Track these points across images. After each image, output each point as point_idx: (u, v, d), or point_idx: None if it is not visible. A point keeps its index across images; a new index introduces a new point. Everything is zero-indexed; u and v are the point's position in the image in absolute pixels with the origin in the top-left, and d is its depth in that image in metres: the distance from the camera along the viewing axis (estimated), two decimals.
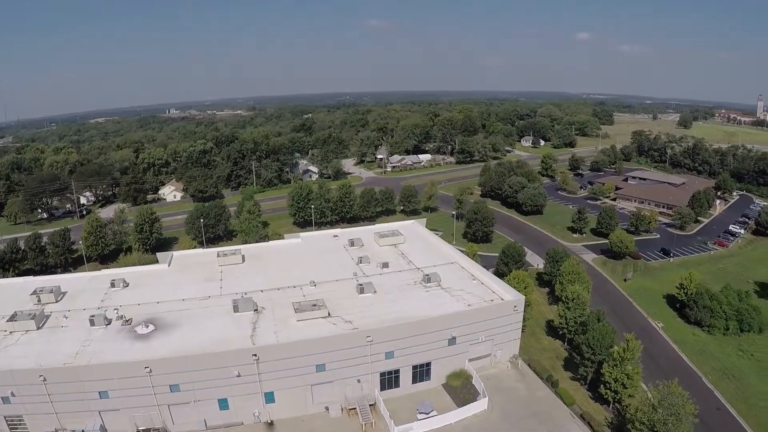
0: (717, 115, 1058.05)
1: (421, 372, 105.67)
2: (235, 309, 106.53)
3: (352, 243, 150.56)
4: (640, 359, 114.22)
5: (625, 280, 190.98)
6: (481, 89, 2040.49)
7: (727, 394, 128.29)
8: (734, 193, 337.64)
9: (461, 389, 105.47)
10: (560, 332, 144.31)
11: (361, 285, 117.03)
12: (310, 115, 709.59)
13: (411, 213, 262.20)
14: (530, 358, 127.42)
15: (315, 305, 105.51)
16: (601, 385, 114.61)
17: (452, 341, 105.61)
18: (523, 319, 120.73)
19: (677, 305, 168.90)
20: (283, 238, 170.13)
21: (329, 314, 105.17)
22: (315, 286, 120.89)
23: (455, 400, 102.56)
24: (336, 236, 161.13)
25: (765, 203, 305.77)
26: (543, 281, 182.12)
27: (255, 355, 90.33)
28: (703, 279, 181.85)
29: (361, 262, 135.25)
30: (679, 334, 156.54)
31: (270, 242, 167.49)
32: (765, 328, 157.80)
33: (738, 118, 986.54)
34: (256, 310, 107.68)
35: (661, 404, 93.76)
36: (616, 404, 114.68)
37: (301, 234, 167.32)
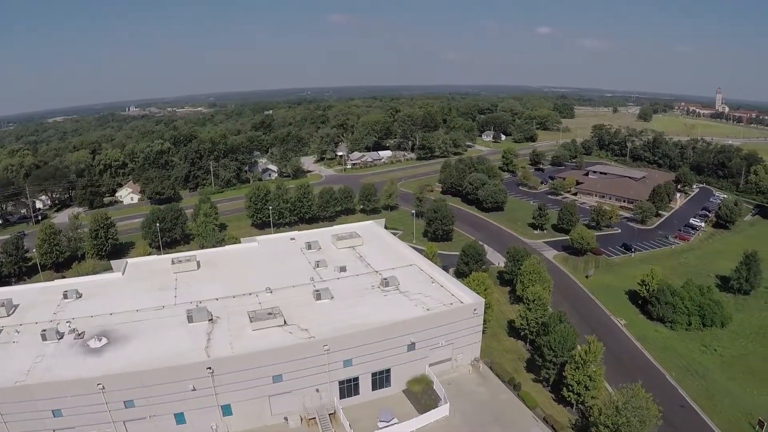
0: (676, 107, 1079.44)
1: (381, 379, 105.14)
2: (190, 319, 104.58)
3: (309, 246, 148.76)
4: (602, 360, 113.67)
5: (586, 276, 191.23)
6: (444, 83, 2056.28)
7: (691, 391, 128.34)
8: (694, 186, 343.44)
9: (422, 395, 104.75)
10: (522, 333, 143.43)
11: (317, 291, 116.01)
12: (270, 111, 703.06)
13: (371, 212, 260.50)
14: (492, 360, 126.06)
15: (270, 314, 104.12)
16: (564, 388, 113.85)
17: (411, 347, 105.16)
18: (484, 321, 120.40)
19: (639, 301, 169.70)
20: (240, 242, 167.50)
21: (285, 322, 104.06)
22: (271, 292, 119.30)
23: (416, 406, 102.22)
24: (293, 239, 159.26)
25: (725, 196, 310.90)
26: (504, 280, 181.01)
27: (209, 368, 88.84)
28: (665, 274, 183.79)
29: (318, 266, 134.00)
30: (642, 330, 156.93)
31: (226, 247, 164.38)
32: (727, 322, 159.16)
33: (697, 110, 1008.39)
34: (211, 319, 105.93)
35: (625, 407, 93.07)
36: (580, 406, 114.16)
37: (258, 237, 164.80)
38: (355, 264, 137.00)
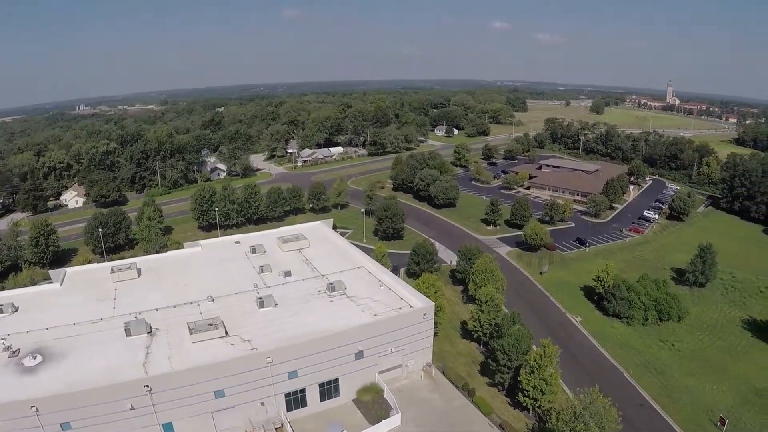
0: (628, 100, 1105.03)
1: (329, 389, 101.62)
2: (127, 332, 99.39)
3: (253, 250, 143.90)
4: (558, 362, 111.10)
5: (541, 273, 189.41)
6: (399, 78, 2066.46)
7: (650, 389, 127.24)
8: (647, 179, 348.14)
9: (373, 404, 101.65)
10: (475, 335, 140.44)
11: (261, 298, 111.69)
12: (222, 108, 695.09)
13: (320, 211, 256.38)
14: (445, 365, 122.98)
15: (211, 324, 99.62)
16: (519, 392, 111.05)
17: (359, 355, 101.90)
18: (436, 323, 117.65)
19: (595, 297, 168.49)
20: (183, 247, 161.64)
21: (227, 333, 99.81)
22: (213, 301, 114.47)
23: (367, 416, 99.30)
24: (238, 242, 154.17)
25: (678, 188, 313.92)
26: (457, 279, 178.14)
27: (147, 385, 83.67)
28: (620, 268, 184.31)
29: (262, 271, 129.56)
30: (598, 327, 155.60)
31: (168, 253, 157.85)
32: (684, 316, 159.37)
33: (648, 103, 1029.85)
34: (150, 332, 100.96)
35: (583, 413, 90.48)
36: (537, 410, 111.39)
37: (202, 242, 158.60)
38: (301, 268, 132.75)
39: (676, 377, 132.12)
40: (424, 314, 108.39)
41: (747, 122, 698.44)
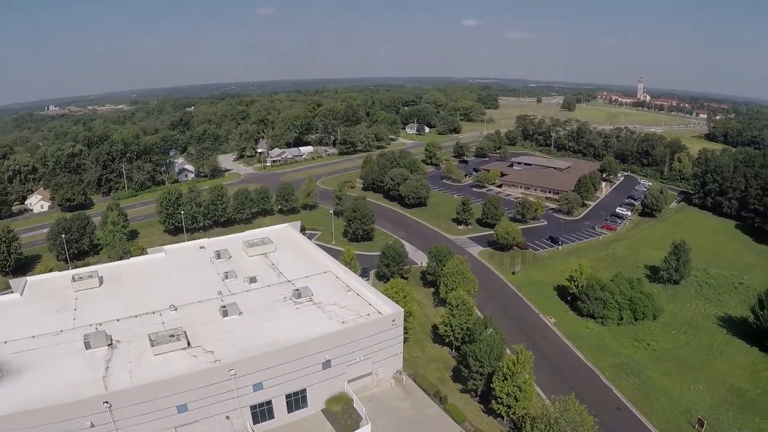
0: (599, 97, 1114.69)
1: (297, 400, 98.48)
2: (87, 345, 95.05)
3: (218, 255, 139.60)
4: (532, 369, 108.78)
5: (513, 273, 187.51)
6: (372, 76, 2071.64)
7: (626, 392, 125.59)
8: (619, 175, 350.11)
9: (342, 415, 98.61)
10: (446, 340, 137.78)
11: (224, 307, 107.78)
12: (192, 108, 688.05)
13: (289, 212, 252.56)
14: (416, 371, 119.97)
15: (173, 336, 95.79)
16: (493, 399, 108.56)
17: (327, 364, 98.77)
18: (406, 329, 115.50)
19: (569, 297, 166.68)
20: (146, 253, 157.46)
21: (189, 344, 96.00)
22: (176, 310, 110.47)
23: (336, 427, 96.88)
24: (203, 247, 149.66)
25: (650, 183, 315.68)
26: (428, 281, 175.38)
27: (107, 402, 79.75)
28: (594, 266, 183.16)
29: (227, 278, 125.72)
30: (573, 328, 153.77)
31: (132, 259, 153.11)
32: (659, 314, 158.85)
33: (619, 99, 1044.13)
34: (111, 344, 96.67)
35: (558, 422, 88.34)
36: (511, 417, 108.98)
37: (166, 247, 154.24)
38: (266, 273, 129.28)
39: (653, 378, 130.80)
40: (393, 321, 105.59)
41: (717, 118, 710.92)
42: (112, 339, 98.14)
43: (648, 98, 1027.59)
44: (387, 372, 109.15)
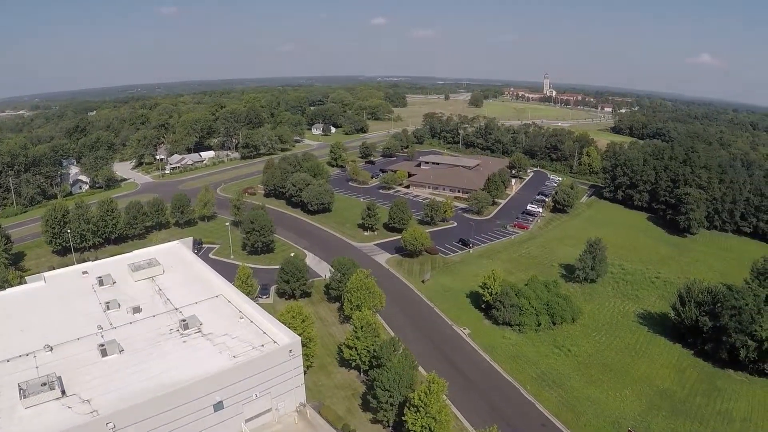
0: (506, 93, 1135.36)
1: None
2: None
3: (101, 282, 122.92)
4: (446, 392, 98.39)
5: (423, 281, 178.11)
6: (280, 75, 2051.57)
7: (550, 405, 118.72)
8: (529, 171, 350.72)
9: None
10: (353, 364, 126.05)
11: (103, 345, 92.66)
12: (93, 112, 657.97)
13: (186, 224, 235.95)
14: (321, 402, 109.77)
15: (45, 384, 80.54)
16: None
17: (219, 406, 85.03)
18: (308, 356, 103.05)
19: (483, 305, 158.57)
20: (25, 282, 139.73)
21: (63, 393, 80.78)
22: (51, 350, 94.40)
23: None
24: (86, 273, 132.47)
25: (560, 179, 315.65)
26: (332, 296, 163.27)
27: None
28: (507, 268, 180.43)
29: (109, 308, 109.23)
30: (489, 339, 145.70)
31: (7, 290, 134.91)
32: (578, 316, 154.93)
33: (526, 95, 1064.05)
34: None
35: None
36: None
37: (45, 274, 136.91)
38: (152, 301, 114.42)
39: (577, 388, 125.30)
40: (290, 351, 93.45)
41: (622, 111, 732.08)
42: None
43: (554, 93, 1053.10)
44: (289, 406, 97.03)
